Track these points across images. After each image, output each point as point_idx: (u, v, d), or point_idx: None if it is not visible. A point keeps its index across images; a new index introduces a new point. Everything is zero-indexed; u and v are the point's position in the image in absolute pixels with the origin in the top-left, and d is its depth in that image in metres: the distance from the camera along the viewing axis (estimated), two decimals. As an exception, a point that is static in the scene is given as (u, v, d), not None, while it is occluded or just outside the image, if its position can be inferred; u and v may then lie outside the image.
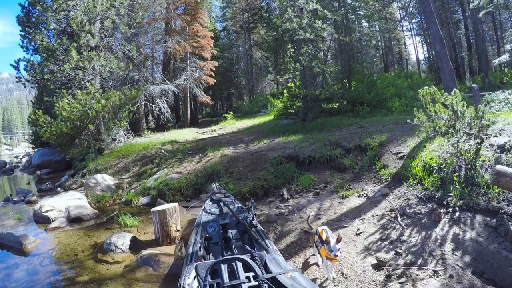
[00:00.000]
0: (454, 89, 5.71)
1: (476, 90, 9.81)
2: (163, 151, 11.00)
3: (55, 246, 5.78)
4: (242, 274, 2.59)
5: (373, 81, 16.23)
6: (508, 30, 14.70)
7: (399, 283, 3.42)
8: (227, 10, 31.02)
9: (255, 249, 3.38)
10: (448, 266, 3.60)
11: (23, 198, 9.60)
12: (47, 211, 7.10)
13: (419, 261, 3.75)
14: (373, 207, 5.29)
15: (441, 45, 10.33)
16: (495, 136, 6.36)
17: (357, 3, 17.08)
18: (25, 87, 11.58)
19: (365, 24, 20.28)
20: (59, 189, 10.37)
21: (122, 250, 5.17)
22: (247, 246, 3.53)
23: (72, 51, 10.21)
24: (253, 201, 4.35)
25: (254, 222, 3.98)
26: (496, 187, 4.47)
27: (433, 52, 17.78)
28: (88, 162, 11.34)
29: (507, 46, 12.18)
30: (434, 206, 4.81)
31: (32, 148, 21.66)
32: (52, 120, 10.16)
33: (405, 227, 4.51)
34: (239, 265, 2.67)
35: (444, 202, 4.80)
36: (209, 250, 3.78)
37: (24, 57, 12.06)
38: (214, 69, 20.51)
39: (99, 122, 10.61)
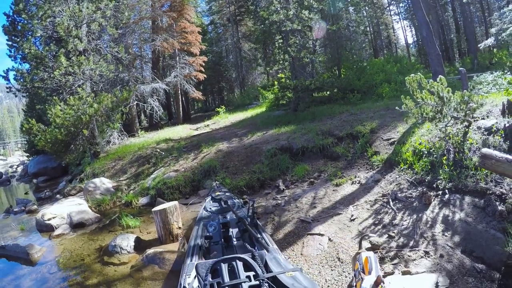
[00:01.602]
0: (440, 75, 5.89)
1: (463, 74, 10.00)
2: (158, 150, 11.11)
3: (61, 253, 5.90)
4: (243, 273, 2.59)
5: (362, 68, 16.30)
6: (493, 14, 14.84)
7: (392, 264, 3.64)
8: (213, 4, 30.71)
9: (256, 248, 3.40)
10: (438, 247, 3.81)
11: (23, 208, 9.62)
12: (49, 219, 7.17)
13: (411, 243, 3.97)
14: (366, 193, 5.51)
15: (427, 31, 10.47)
16: (483, 118, 6.55)
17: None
18: (16, 96, 11.54)
19: (353, 10, 20.22)
20: (58, 196, 10.41)
21: (127, 251, 5.33)
22: (247, 245, 3.55)
23: (61, 57, 10.18)
24: (253, 200, 4.35)
25: (254, 220, 3.98)
26: (484, 169, 4.69)
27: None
28: (84, 167, 11.40)
29: (492, 30, 12.35)
30: (425, 189, 5.03)
31: (27, 156, 21.55)
32: (46, 127, 10.18)
33: (397, 211, 4.73)
34: (240, 264, 2.68)
35: (434, 185, 5.01)
36: (210, 249, 3.78)
37: (13, 66, 11.99)
38: (203, 64, 20.50)
39: (92, 126, 10.66)
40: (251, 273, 2.58)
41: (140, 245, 5.54)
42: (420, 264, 3.58)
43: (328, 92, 14.39)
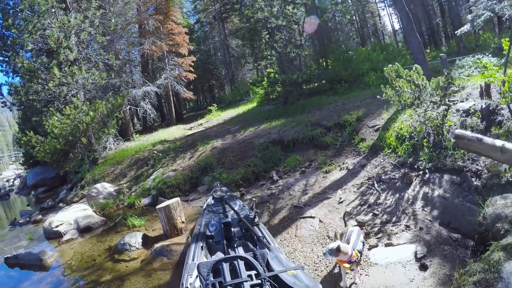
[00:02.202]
0: (415, 65, 6.32)
1: (444, 59, 10.46)
2: (155, 152, 11.44)
3: (72, 256, 6.21)
4: (244, 273, 2.60)
5: (349, 58, 16.52)
6: (470, 1, 15.21)
7: (377, 238, 4.09)
8: (198, 3, 30.67)
9: (257, 247, 3.42)
10: (418, 221, 4.25)
11: (28, 219, 9.84)
12: (57, 226, 7.42)
13: (393, 219, 4.42)
14: (353, 178, 5.95)
15: (407, 20, 10.76)
16: (462, 101, 7.00)
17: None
18: (11, 110, 11.77)
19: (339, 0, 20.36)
20: (61, 204, 10.64)
21: (136, 248, 5.70)
22: (249, 244, 3.60)
23: (54, 68, 10.42)
24: (254, 199, 4.50)
25: (256, 220, 3.98)
26: (459, 149, 5.13)
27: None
28: (84, 174, 11.68)
29: (468, 16, 12.74)
30: (407, 170, 5.47)
31: (25, 169, 21.67)
32: (44, 138, 10.46)
33: (381, 191, 5.18)
34: (241, 263, 2.68)
35: (416, 166, 5.45)
36: (211, 248, 3.80)
37: (6, 81, 12.20)
38: (192, 64, 20.77)
39: (90, 134, 10.96)
40: (253, 272, 2.60)
41: (147, 242, 5.91)
42: (401, 236, 4.02)
43: (316, 84, 14.73)
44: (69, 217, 7.76)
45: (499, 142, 4.20)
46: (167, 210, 5.79)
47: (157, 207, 5.99)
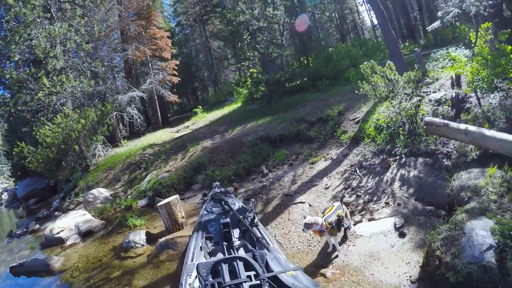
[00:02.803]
0: (388, 61, 6.92)
1: (418, 53, 11.10)
2: (147, 155, 11.73)
3: (78, 259, 6.46)
4: (243, 273, 2.62)
5: (329, 55, 16.93)
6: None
7: (360, 215, 4.64)
8: (178, 5, 30.64)
9: (256, 247, 3.46)
10: (396, 198, 4.83)
11: (25, 229, 9.94)
12: (58, 233, 7.61)
13: (375, 198, 4.99)
14: (337, 166, 6.50)
15: (382, 19, 11.33)
16: (434, 92, 7.66)
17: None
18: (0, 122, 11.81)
19: None
20: (56, 213, 10.73)
21: (141, 244, 6.06)
22: (248, 245, 3.63)
23: (43, 78, 10.56)
24: (253, 200, 4.56)
25: (255, 221, 4.00)
26: (430, 133, 5.72)
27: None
28: (77, 181, 11.85)
29: (439, 13, 13.46)
30: (385, 156, 6.06)
31: (14, 181, 21.40)
32: (36, 149, 10.60)
33: (362, 176, 5.75)
34: (240, 264, 2.71)
35: (393, 152, 6.05)
36: (211, 249, 3.83)
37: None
38: (176, 67, 21.01)
39: (80, 141, 11.17)
40: (252, 273, 2.62)
41: (151, 238, 6.28)
42: (382, 212, 4.59)
43: (298, 82, 15.25)
44: (69, 223, 7.97)
45: (463, 126, 4.81)
46: (168, 206, 6.18)
47: (158, 204, 6.37)
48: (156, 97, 21.43)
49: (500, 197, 3.48)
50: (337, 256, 3.96)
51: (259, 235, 3.59)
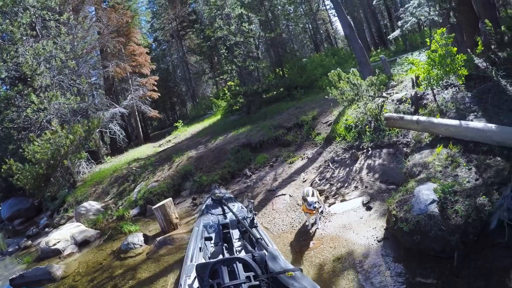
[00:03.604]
0: (352, 69, 7.89)
1: (383, 60, 12.22)
2: (134, 168, 12.20)
3: (78, 266, 6.79)
4: (243, 274, 2.63)
5: (303, 66, 17.81)
6: (400, 10, 17.33)
7: (334, 198, 5.47)
8: (155, 21, 31.07)
9: (256, 248, 3.49)
10: (364, 182, 5.67)
11: (17, 246, 10.03)
12: (54, 244, 7.83)
13: (345, 185, 5.83)
14: (313, 163, 7.34)
15: (350, 29, 12.38)
16: (397, 93, 8.67)
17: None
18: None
19: (290, 8, 21.48)
20: (46, 229, 10.88)
21: (140, 245, 6.56)
22: (247, 246, 3.67)
23: (32, 95, 10.86)
24: (252, 201, 4.74)
25: (254, 222, 4.02)
26: (394, 128, 6.63)
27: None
28: (66, 197, 12.05)
29: (399, 23, 14.75)
30: (354, 151, 6.94)
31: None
32: (25, 165, 10.84)
33: (335, 169, 6.59)
34: (239, 265, 2.72)
35: (361, 147, 6.93)
36: (210, 250, 3.86)
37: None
38: (155, 83, 21.57)
39: (69, 157, 11.51)
40: (251, 274, 2.64)
41: (148, 239, 6.80)
42: (352, 194, 5.43)
43: (275, 92, 16.10)
44: (64, 234, 8.22)
45: (415, 117, 5.80)
46: (163, 208, 6.76)
47: (154, 207, 6.92)
48: (137, 113, 21.84)
49: (445, 168, 4.39)
50: (317, 229, 4.74)
51: (258, 236, 3.58)
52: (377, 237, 4.17)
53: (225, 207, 4.78)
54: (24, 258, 8.51)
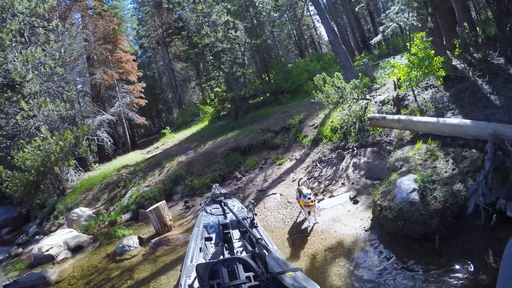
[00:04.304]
0: (336, 72, 8.26)
1: (366, 64, 12.71)
2: (124, 174, 12.28)
3: (73, 270, 6.82)
4: (243, 274, 2.63)
5: (289, 71, 18.09)
6: (381, 15, 17.92)
7: (322, 194, 5.80)
8: (140, 28, 30.96)
9: (256, 249, 3.47)
10: (350, 179, 6.02)
11: (7, 255, 9.88)
12: (47, 250, 7.80)
13: (333, 182, 6.17)
14: (301, 164, 7.68)
15: (333, 35, 12.83)
16: (380, 95, 9.09)
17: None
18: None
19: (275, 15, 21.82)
20: (37, 237, 10.72)
21: (135, 247, 6.69)
22: (248, 246, 3.67)
23: (21, 102, 10.82)
24: (252, 201, 4.74)
25: (254, 222, 4.02)
26: (378, 128, 7.01)
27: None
28: (55, 205, 12.01)
29: (380, 28, 15.32)
30: (340, 151, 7.29)
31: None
32: (15, 172, 10.77)
33: (322, 168, 6.94)
34: (239, 265, 2.72)
35: (346, 147, 7.31)
36: (210, 250, 3.85)
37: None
38: (143, 90, 21.63)
39: (59, 164, 11.49)
40: (251, 274, 2.63)
41: (142, 241, 6.93)
42: (339, 190, 5.77)
43: (261, 98, 16.43)
44: (57, 240, 8.21)
45: (396, 116, 6.21)
46: (157, 210, 6.93)
47: (148, 210, 7.08)
48: (124, 120, 21.81)
49: (424, 161, 4.78)
50: (316, 223, 5.01)
51: (259, 236, 3.56)
52: (364, 227, 4.49)
53: (225, 207, 4.78)
54: (16, 265, 8.38)
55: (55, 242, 8.17)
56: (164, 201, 7.40)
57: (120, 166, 14.78)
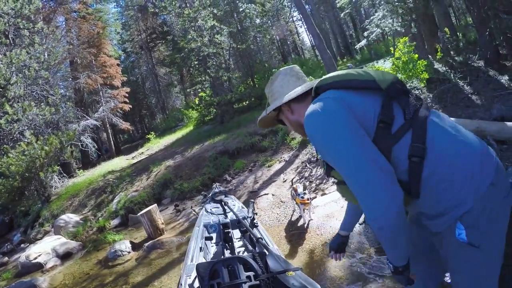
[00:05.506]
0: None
1: (351, 68, 13.17)
2: (111, 180, 12.18)
3: (64, 277, 6.69)
4: (243, 274, 2.63)
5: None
6: (365, 21, 18.46)
7: (314, 193, 6.01)
8: (124, 33, 30.83)
9: (256, 248, 3.47)
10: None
11: None
12: (35, 258, 7.65)
13: (324, 181, 6.39)
14: (291, 165, 7.91)
15: (319, 40, 13.11)
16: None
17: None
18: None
19: (258, 21, 22.05)
20: (22, 245, 10.46)
21: (128, 252, 6.65)
22: (248, 245, 3.65)
23: (6, 105, 10.65)
24: (252, 201, 4.70)
25: (255, 221, 3.99)
26: None
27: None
28: (41, 212, 11.74)
29: (365, 33, 15.83)
30: (328, 151, 7.57)
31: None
32: (-1, 179, 10.49)
33: (312, 168, 7.17)
34: (240, 265, 2.71)
35: (335, 147, 7.58)
36: (210, 250, 3.84)
37: None
38: (127, 95, 21.46)
39: (45, 169, 11.30)
40: (252, 273, 2.63)
41: (135, 246, 6.90)
42: (331, 188, 5.99)
43: (247, 102, 16.69)
44: (45, 247, 8.05)
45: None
46: (149, 214, 6.95)
47: (139, 213, 7.11)
48: (108, 126, 21.56)
49: None
50: (310, 220, 5.22)
51: (259, 236, 3.50)
52: (359, 221, 4.71)
53: (225, 207, 4.76)
54: (2, 274, 8.19)
55: (43, 249, 8.02)
56: (155, 205, 7.44)
57: (106, 171, 14.63)
